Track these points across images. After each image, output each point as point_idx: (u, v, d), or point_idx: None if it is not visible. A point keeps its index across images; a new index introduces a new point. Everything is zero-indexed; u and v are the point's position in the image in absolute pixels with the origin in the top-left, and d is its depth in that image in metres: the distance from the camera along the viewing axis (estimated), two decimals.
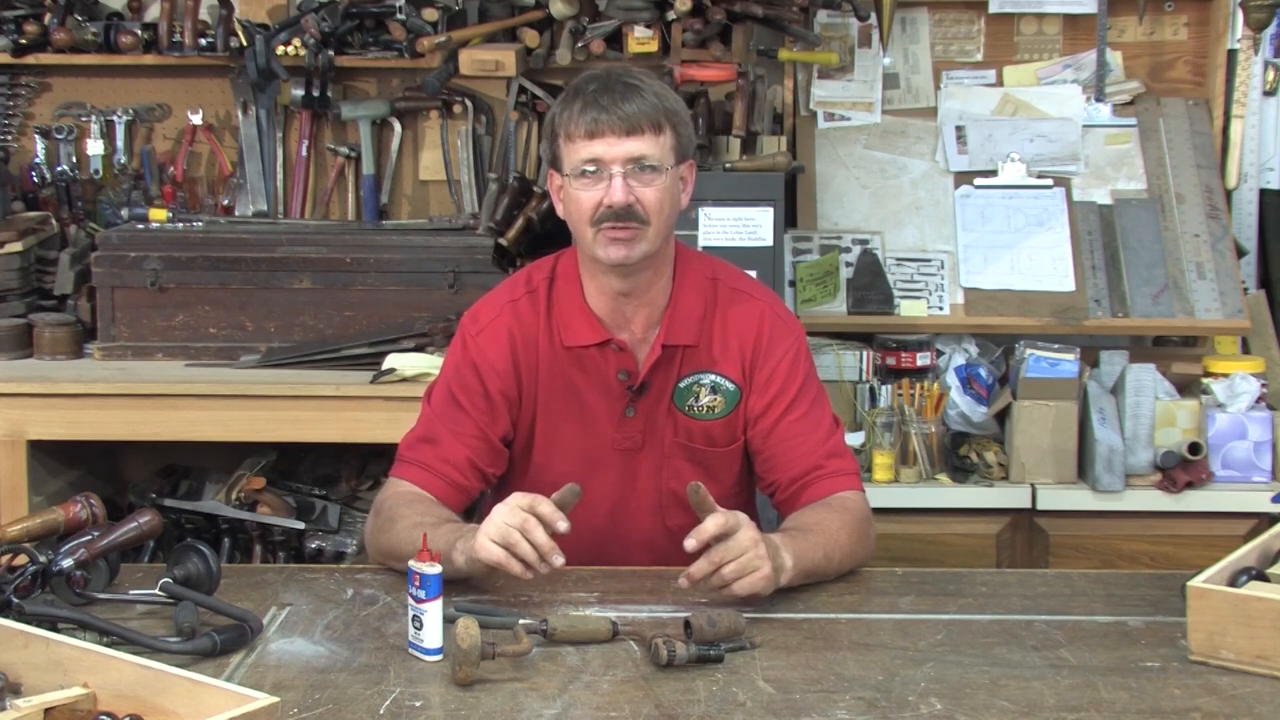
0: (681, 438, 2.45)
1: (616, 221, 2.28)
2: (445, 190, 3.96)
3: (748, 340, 2.44)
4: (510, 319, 2.43)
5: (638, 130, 2.27)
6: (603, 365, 2.42)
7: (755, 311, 2.46)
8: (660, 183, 2.30)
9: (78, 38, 3.78)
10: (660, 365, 2.42)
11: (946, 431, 3.50)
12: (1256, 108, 3.89)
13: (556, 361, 2.42)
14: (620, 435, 2.44)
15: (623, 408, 2.43)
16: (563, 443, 2.44)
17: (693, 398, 2.44)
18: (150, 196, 3.87)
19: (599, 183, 2.28)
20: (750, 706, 1.87)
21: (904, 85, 3.90)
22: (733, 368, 2.44)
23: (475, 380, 2.41)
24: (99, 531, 2.19)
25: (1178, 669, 1.99)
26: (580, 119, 2.28)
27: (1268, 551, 2.17)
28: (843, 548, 2.30)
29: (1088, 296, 3.62)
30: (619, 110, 2.26)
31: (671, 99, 2.34)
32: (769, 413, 2.43)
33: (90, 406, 3.28)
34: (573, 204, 2.33)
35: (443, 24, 3.75)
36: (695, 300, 2.43)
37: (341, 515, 3.52)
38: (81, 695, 1.69)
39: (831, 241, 3.69)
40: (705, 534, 2.10)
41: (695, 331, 2.42)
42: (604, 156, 2.27)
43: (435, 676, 1.95)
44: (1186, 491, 3.39)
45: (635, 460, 2.45)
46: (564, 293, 2.43)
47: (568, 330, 2.41)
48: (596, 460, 2.43)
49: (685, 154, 2.36)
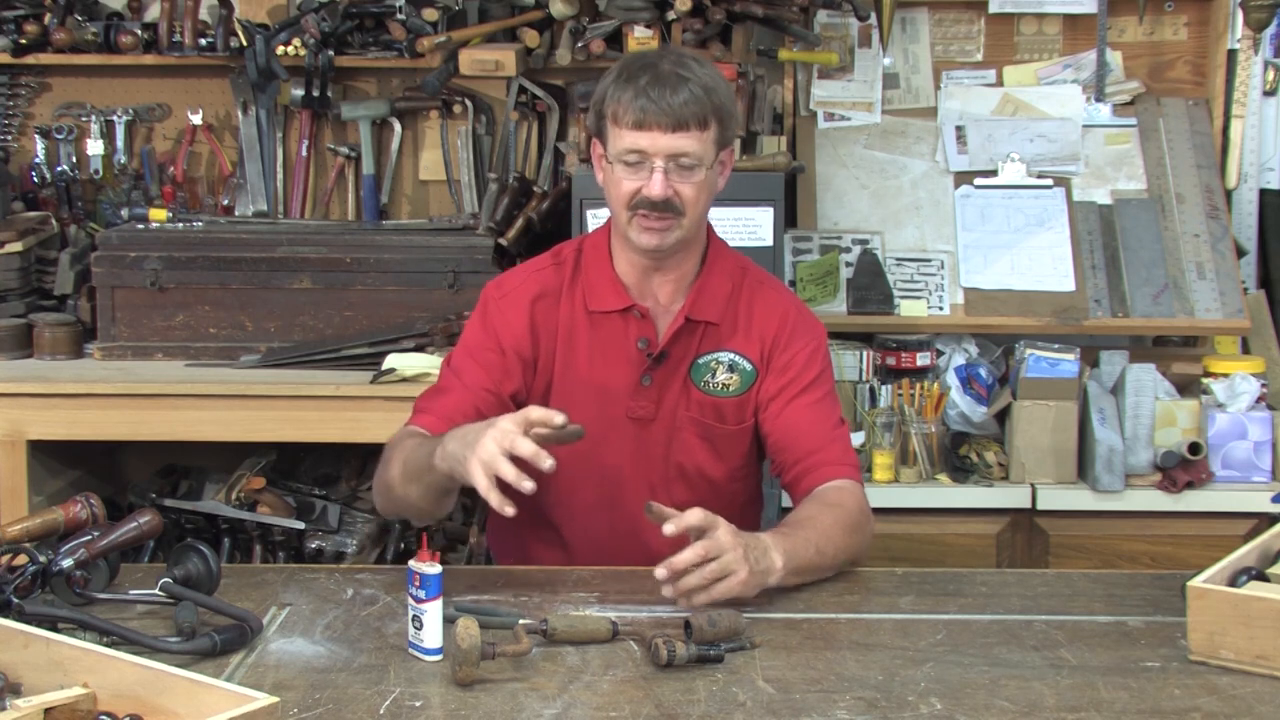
0: (693, 412, 2.49)
1: (653, 211, 2.35)
2: (445, 190, 3.96)
3: (770, 328, 2.50)
4: (534, 285, 2.50)
5: (683, 127, 2.33)
6: (624, 332, 2.47)
7: (781, 304, 2.53)
8: (700, 175, 2.36)
9: (78, 38, 3.79)
10: (681, 336, 2.47)
11: (946, 431, 3.50)
12: (1256, 108, 3.89)
13: (577, 326, 2.48)
14: (634, 403, 2.48)
15: (639, 375, 2.47)
16: (577, 406, 2.46)
17: (710, 374, 2.48)
18: (150, 196, 3.87)
19: (640, 172, 2.35)
20: (750, 706, 1.87)
21: (904, 85, 3.90)
22: (753, 350, 2.49)
23: (492, 338, 2.47)
24: (99, 531, 2.19)
25: (1178, 669, 1.99)
26: (630, 108, 2.33)
27: (1268, 551, 2.17)
28: (835, 542, 2.32)
29: (1088, 296, 3.62)
30: (666, 104, 2.31)
31: (720, 91, 2.39)
32: (782, 395, 2.48)
33: (90, 406, 3.28)
34: (613, 185, 2.39)
35: (443, 24, 3.75)
36: (723, 281, 2.49)
37: (341, 515, 3.52)
38: (81, 695, 1.69)
39: (831, 241, 3.69)
40: (686, 522, 2.12)
41: (720, 310, 2.48)
42: (648, 149, 2.33)
43: (435, 676, 1.95)
44: (1186, 491, 3.39)
45: (647, 430, 2.49)
46: (592, 260, 2.50)
47: (593, 295, 2.47)
48: (609, 427, 2.47)
49: (728, 141, 2.43)
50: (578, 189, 3.35)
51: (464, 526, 3.58)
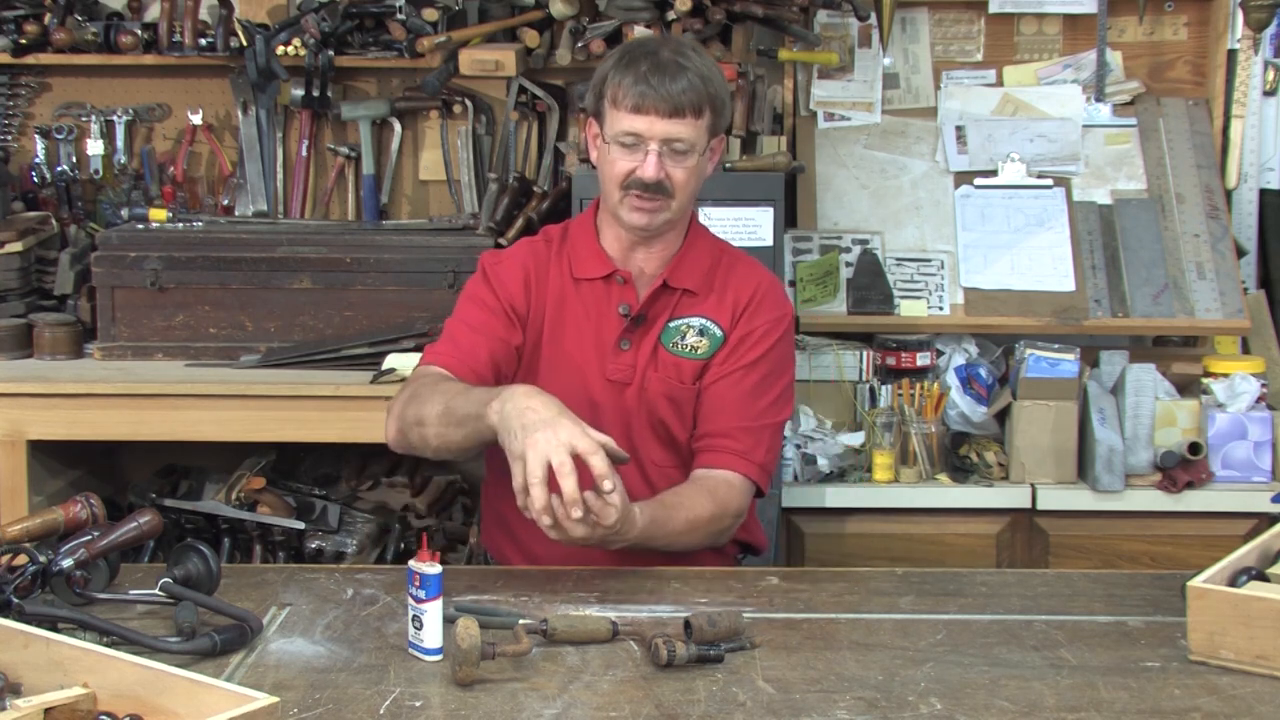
0: (661, 372, 2.56)
1: (644, 191, 2.45)
2: (445, 190, 3.96)
3: (743, 295, 2.58)
4: (526, 255, 2.63)
5: (679, 114, 2.44)
6: (606, 298, 2.57)
7: (756, 276, 2.63)
8: (691, 161, 2.48)
9: (78, 38, 3.78)
10: (658, 299, 2.56)
11: (946, 431, 3.50)
12: (1256, 108, 3.89)
13: (564, 293, 2.58)
14: (613, 366, 2.56)
15: (618, 339, 2.55)
16: (562, 373, 2.55)
17: (680, 336, 2.57)
18: (150, 196, 3.87)
19: (635, 153, 2.46)
20: (750, 706, 1.87)
21: (904, 85, 3.90)
22: (724, 317, 2.58)
23: (492, 295, 2.57)
24: (99, 531, 2.19)
25: (1178, 669, 1.99)
26: (629, 92, 2.44)
27: (1268, 551, 2.17)
28: (695, 536, 2.42)
29: (1088, 296, 3.62)
30: (665, 91, 2.43)
31: (716, 80, 2.50)
32: (724, 365, 2.56)
33: (90, 406, 3.28)
34: (607, 164, 2.50)
35: (443, 24, 3.75)
36: (703, 255, 2.60)
37: (341, 515, 3.52)
38: (81, 695, 1.69)
39: (831, 241, 3.69)
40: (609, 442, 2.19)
41: (699, 279, 2.58)
42: (644, 132, 2.44)
43: (435, 676, 1.95)
44: (1186, 491, 3.39)
45: (624, 394, 2.56)
46: (579, 234, 2.63)
47: (578, 263, 2.59)
48: (592, 391, 2.55)
49: (719, 130, 2.53)
50: (578, 189, 3.35)
51: (464, 526, 3.58)
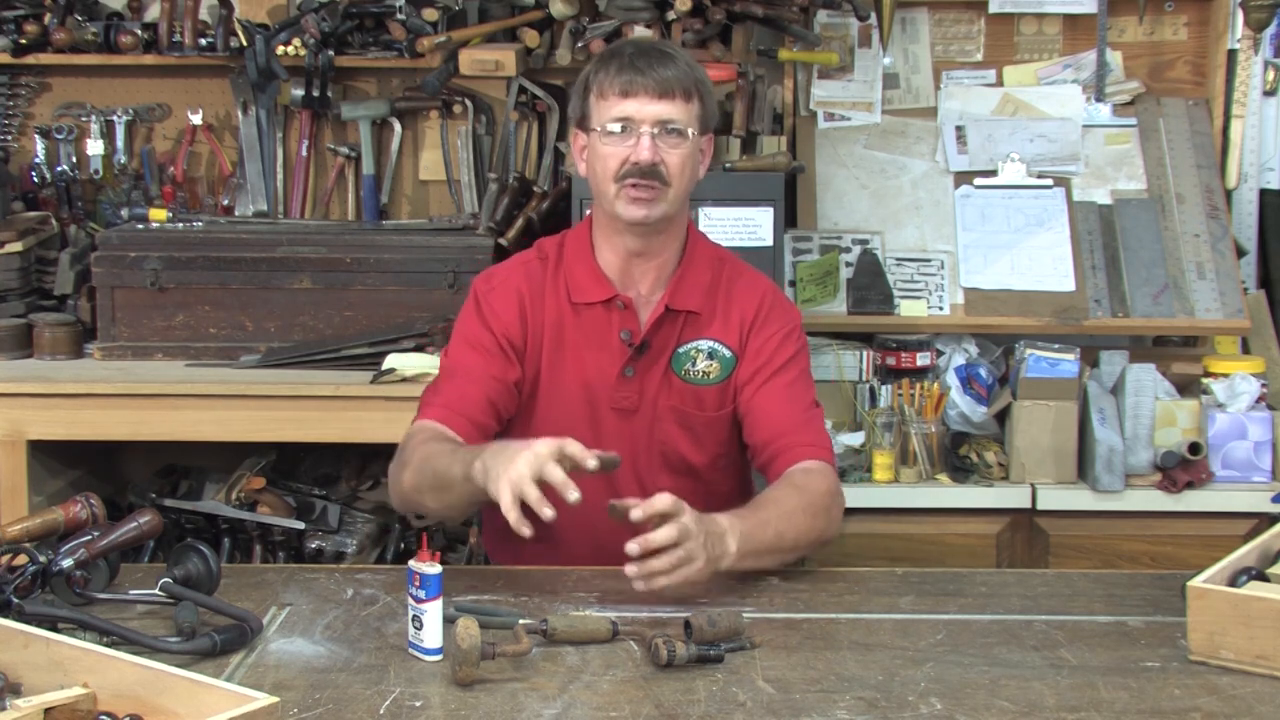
0: (674, 400, 2.52)
1: (640, 179, 2.39)
2: (445, 190, 3.96)
3: (748, 312, 2.54)
4: (520, 278, 2.55)
5: (670, 94, 2.40)
6: (607, 324, 2.50)
7: (758, 289, 2.58)
8: (685, 147, 2.43)
9: (78, 38, 3.78)
10: (662, 325, 2.51)
11: (946, 431, 3.49)
12: (1256, 108, 3.89)
13: (563, 318, 2.52)
14: (618, 394, 2.51)
15: (622, 367, 2.50)
16: (563, 401, 2.51)
17: (690, 362, 2.52)
18: (150, 196, 3.87)
19: (627, 140, 2.40)
20: (750, 706, 1.87)
21: (904, 85, 3.90)
22: (731, 337, 2.53)
23: (486, 331, 2.51)
24: (99, 531, 2.19)
25: (1178, 669, 1.99)
26: (616, 78, 2.41)
27: (1268, 551, 2.17)
28: (797, 525, 2.33)
29: (1088, 296, 3.62)
30: (654, 73, 2.40)
31: (702, 74, 2.47)
32: (755, 379, 2.52)
33: (90, 406, 3.28)
34: (598, 160, 2.44)
35: (443, 24, 3.75)
36: (703, 271, 2.54)
37: (341, 515, 3.52)
38: (81, 695, 1.69)
39: (831, 241, 3.69)
40: (654, 507, 2.14)
41: (700, 299, 2.52)
42: (635, 116, 2.40)
43: (435, 676, 1.95)
44: (1186, 491, 3.39)
45: (630, 421, 2.52)
46: (575, 253, 2.54)
47: (576, 287, 2.51)
48: (595, 419, 2.50)
49: (708, 126, 2.49)
50: (578, 189, 3.35)
51: (464, 526, 3.58)
